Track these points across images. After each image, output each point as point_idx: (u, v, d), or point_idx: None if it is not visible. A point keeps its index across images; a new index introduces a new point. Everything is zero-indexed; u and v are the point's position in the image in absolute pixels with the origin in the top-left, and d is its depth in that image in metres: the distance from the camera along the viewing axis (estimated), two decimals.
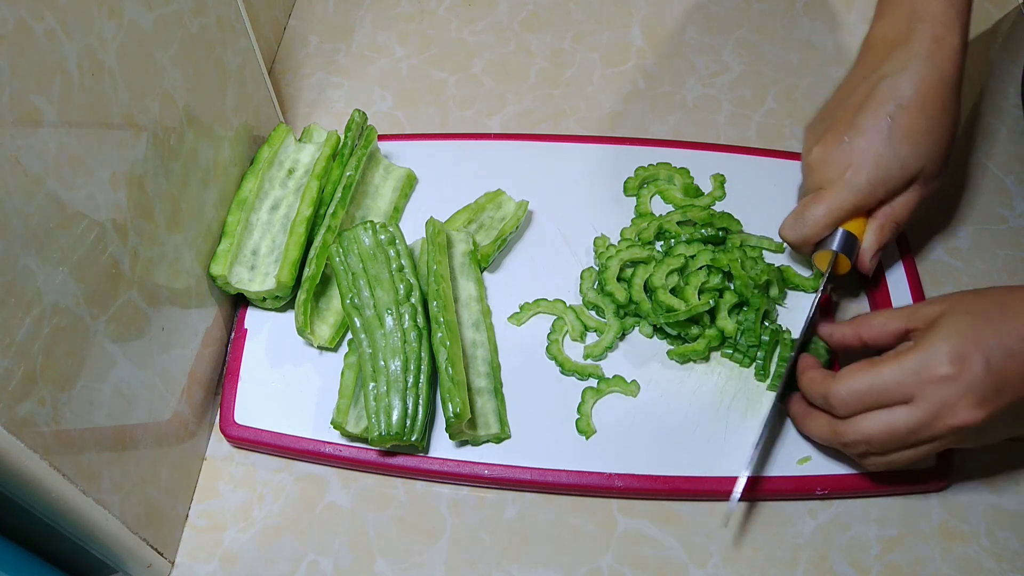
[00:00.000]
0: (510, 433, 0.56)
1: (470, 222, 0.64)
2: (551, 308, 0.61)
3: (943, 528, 0.54)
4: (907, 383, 0.47)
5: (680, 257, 0.60)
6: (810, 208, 0.57)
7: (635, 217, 0.65)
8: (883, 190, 0.55)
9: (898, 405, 0.48)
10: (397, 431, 0.52)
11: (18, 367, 0.38)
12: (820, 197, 0.56)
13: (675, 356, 0.59)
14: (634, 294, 0.59)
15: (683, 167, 0.67)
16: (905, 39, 0.55)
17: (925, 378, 0.46)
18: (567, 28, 0.80)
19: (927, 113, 0.54)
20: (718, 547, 0.53)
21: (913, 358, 0.47)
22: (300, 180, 0.63)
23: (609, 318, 0.60)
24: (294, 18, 0.82)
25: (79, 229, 0.43)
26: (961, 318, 0.47)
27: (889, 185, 0.55)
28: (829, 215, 0.56)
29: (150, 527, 0.50)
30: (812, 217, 0.57)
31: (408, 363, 0.54)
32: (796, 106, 0.74)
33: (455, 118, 0.74)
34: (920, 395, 0.47)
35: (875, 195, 0.56)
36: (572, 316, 0.60)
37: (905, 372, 0.47)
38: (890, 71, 0.55)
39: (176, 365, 0.54)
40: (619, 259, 0.61)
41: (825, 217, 0.56)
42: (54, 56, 0.40)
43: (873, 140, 0.55)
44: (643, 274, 0.60)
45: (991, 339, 0.46)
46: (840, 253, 0.57)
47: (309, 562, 0.54)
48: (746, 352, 0.58)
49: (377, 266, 0.57)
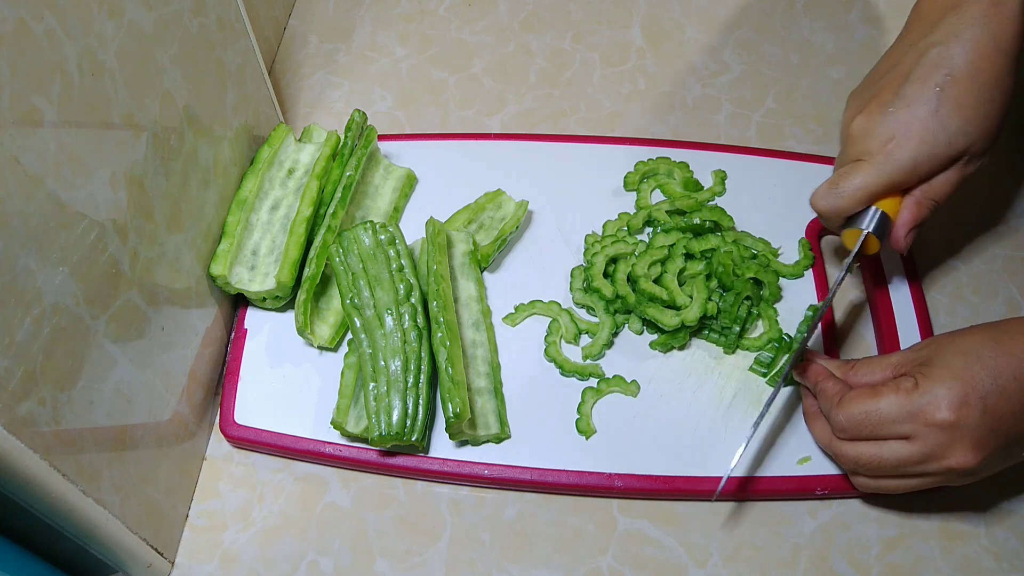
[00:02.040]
0: (510, 433, 0.56)
1: (470, 222, 0.64)
2: (546, 310, 0.61)
3: (943, 528, 0.54)
4: (905, 422, 0.47)
5: (663, 248, 0.60)
6: (847, 179, 0.53)
7: (634, 212, 0.65)
8: (927, 167, 0.52)
9: (893, 439, 0.48)
10: (397, 431, 0.52)
11: (18, 367, 0.38)
12: (858, 169, 0.53)
13: (657, 346, 0.59)
14: (619, 288, 0.59)
15: (683, 161, 0.67)
16: (958, 3, 0.51)
17: (923, 421, 0.47)
18: (567, 28, 0.80)
19: (979, 84, 0.50)
20: (718, 547, 0.53)
21: (913, 400, 0.47)
22: (300, 180, 0.63)
23: (600, 315, 0.60)
24: (294, 18, 0.82)
25: (79, 229, 0.43)
26: (955, 358, 0.47)
27: (934, 162, 0.52)
28: (866, 188, 0.53)
29: (150, 527, 0.50)
30: (848, 188, 0.53)
31: (408, 363, 0.54)
32: (796, 106, 0.74)
33: (455, 118, 0.74)
34: (916, 435, 0.47)
35: (917, 172, 0.52)
36: (567, 318, 0.60)
37: (903, 412, 0.47)
38: (941, 38, 0.51)
39: (176, 365, 0.54)
40: (604, 255, 0.61)
41: (861, 190, 0.53)
42: (54, 56, 0.40)
43: (919, 112, 0.51)
44: (625, 268, 0.60)
45: (986, 380, 0.46)
46: (871, 234, 0.54)
47: (309, 562, 0.54)
48: (720, 332, 0.58)
49: (377, 266, 0.57)
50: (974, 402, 0.46)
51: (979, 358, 0.47)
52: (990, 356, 0.47)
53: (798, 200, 0.65)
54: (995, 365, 0.46)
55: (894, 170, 0.52)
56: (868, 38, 0.78)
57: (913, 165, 0.52)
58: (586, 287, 0.61)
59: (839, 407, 0.49)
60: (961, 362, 0.47)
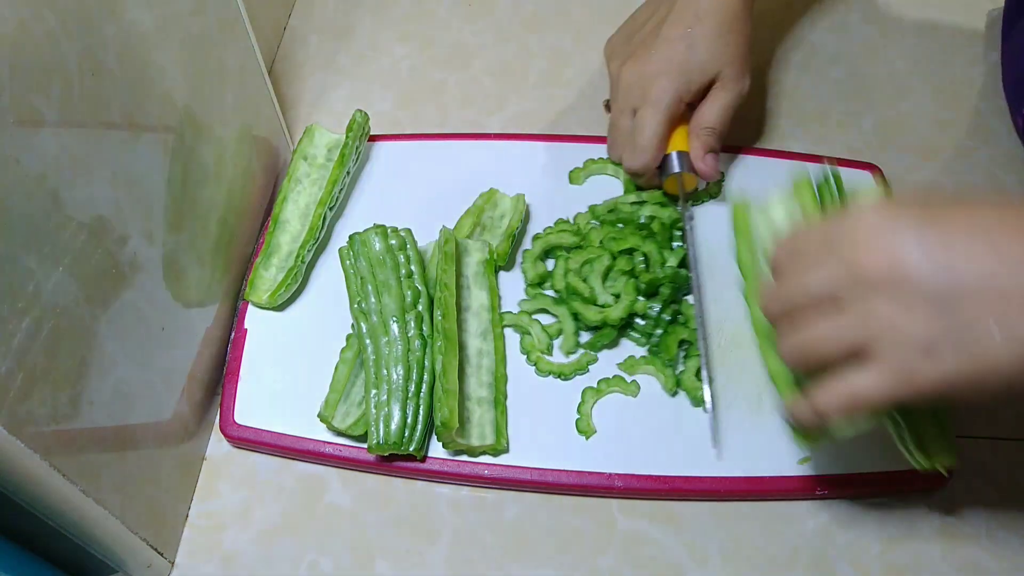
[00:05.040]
0: (507, 447, 0.56)
1: (475, 226, 0.64)
2: (515, 320, 0.60)
3: (943, 528, 0.54)
4: (829, 242, 0.42)
5: (593, 248, 0.61)
6: (639, 136, 0.61)
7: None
8: (688, 94, 0.61)
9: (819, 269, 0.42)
10: (395, 440, 0.52)
11: (18, 367, 0.38)
12: (642, 120, 0.61)
13: (587, 347, 0.59)
14: (555, 283, 0.60)
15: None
16: None
17: (846, 231, 0.41)
18: (567, 28, 0.80)
19: (720, 22, 0.61)
20: (718, 547, 0.53)
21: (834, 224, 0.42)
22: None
23: (554, 309, 0.60)
24: (294, 18, 0.82)
25: (79, 229, 0.43)
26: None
27: (692, 87, 0.61)
28: (656, 134, 0.61)
29: (150, 527, 0.50)
30: (644, 142, 0.61)
31: (410, 372, 0.54)
32: (796, 106, 0.74)
33: (455, 118, 0.74)
34: (838, 246, 0.41)
35: (683, 100, 0.61)
36: (537, 328, 0.60)
37: (827, 234, 0.42)
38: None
39: (176, 365, 0.54)
40: (544, 242, 0.62)
41: (655, 137, 0.61)
42: (54, 56, 0.40)
43: (677, 48, 0.61)
44: (563, 263, 0.61)
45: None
46: (683, 173, 0.62)
47: (309, 562, 0.54)
48: (642, 332, 0.59)
49: (385, 272, 0.57)
50: (905, 215, 0.40)
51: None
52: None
53: None
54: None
55: (667, 106, 0.61)
56: (868, 38, 0.78)
57: (677, 95, 0.61)
58: (526, 286, 0.62)
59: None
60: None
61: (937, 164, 0.70)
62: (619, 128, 0.64)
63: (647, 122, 0.61)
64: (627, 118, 0.63)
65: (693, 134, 0.62)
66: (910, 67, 0.76)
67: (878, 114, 0.73)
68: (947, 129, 0.72)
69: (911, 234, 0.39)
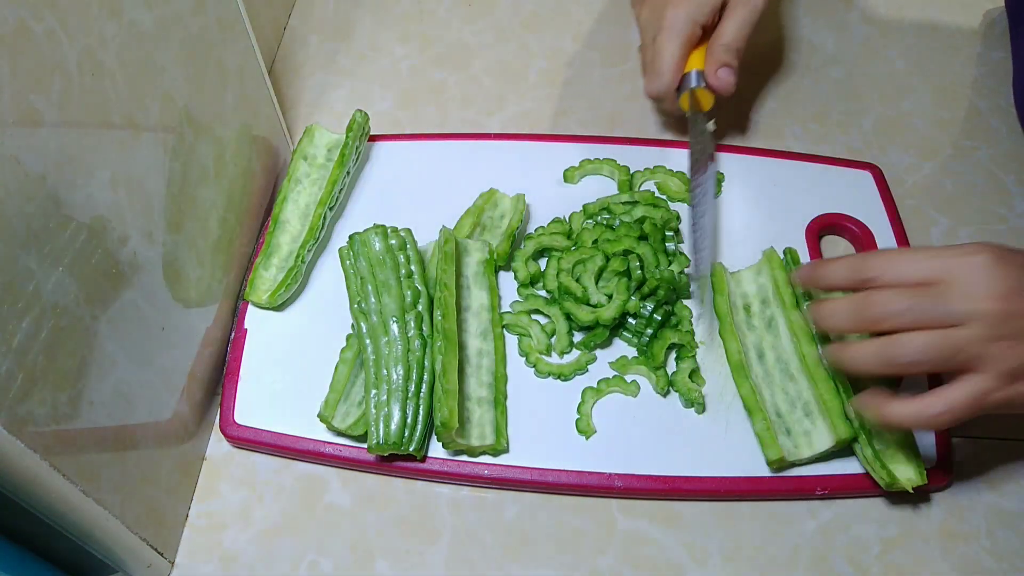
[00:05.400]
0: (507, 447, 0.56)
1: (474, 226, 0.64)
2: (514, 321, 0.60)
3: (943, 528, 0.54)
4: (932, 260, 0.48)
5: (586, 248, 0.61)
6: (656, 61, 0.64)
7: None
8: (702, 16, 0.64)
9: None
10: (395, 440, 0.52)
11: (18, 367, 0.38)
12: (659, 46, 0.64)
13: (580, 347, 0.59)
14: (547, 283, 0.60)
15: (680, 171, 0.67)
16: None
17: (953, 262, 0.47)
18: (567, 28, 0.80)
19: None
20: (718, 547, 0.53)
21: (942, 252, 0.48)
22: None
23: (546, 308, 0.60)
24: (294, 18, 0.82)
25: (79, 229, 0.43)
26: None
27: (704, 8, 0.64)
28: (673, 56, 0.63)
29: (150, 527, 0.50)
30: (661, 66, 0.64)
31: (410, 372, 0.54)
32: (796, 106, 0.74)
33: (455, 118, 0.74)
34: (944, 275, 0.47)
35: (697, 22, 0.64)
36: (537, 329, 0.60)
37: (933, 257, 0.48)
38: None
39: (176, 365, 0.54)
40: (536, 242, 0.62)
41: (671, 59, 0.63)
42: (54, 56, 0.40)
43: None
44: (555, 263, 0.60)
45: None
46: (698, 88, 0.64)
47: (309, 562, 0.54)
48: (633, 331, 0.59)
49: (385, 272, 0.57)
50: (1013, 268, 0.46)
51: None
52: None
53: (798, 200, 0.66)
54: None
55: (679, 31, 0.63)
56: (868, 38, 0.78)
57: (691, 19, 0.63)
58: (518, 286, 0.62)
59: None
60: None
61: (937, 164, 0.70)
62: (643, 61, 0.67)
63: (662, 47, 0.64)
64: (649, 50, 0.66)
65: (709, 51, 0.64)
66: (910, 67, 0.76)
67: (878, 114, 0.73)
68: (947, 129, 0.72)
69: (1021, 273, 0.46)
